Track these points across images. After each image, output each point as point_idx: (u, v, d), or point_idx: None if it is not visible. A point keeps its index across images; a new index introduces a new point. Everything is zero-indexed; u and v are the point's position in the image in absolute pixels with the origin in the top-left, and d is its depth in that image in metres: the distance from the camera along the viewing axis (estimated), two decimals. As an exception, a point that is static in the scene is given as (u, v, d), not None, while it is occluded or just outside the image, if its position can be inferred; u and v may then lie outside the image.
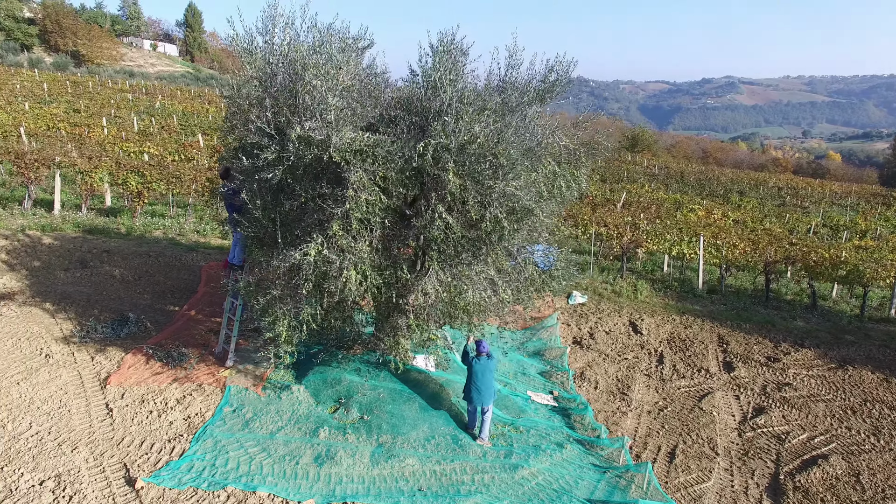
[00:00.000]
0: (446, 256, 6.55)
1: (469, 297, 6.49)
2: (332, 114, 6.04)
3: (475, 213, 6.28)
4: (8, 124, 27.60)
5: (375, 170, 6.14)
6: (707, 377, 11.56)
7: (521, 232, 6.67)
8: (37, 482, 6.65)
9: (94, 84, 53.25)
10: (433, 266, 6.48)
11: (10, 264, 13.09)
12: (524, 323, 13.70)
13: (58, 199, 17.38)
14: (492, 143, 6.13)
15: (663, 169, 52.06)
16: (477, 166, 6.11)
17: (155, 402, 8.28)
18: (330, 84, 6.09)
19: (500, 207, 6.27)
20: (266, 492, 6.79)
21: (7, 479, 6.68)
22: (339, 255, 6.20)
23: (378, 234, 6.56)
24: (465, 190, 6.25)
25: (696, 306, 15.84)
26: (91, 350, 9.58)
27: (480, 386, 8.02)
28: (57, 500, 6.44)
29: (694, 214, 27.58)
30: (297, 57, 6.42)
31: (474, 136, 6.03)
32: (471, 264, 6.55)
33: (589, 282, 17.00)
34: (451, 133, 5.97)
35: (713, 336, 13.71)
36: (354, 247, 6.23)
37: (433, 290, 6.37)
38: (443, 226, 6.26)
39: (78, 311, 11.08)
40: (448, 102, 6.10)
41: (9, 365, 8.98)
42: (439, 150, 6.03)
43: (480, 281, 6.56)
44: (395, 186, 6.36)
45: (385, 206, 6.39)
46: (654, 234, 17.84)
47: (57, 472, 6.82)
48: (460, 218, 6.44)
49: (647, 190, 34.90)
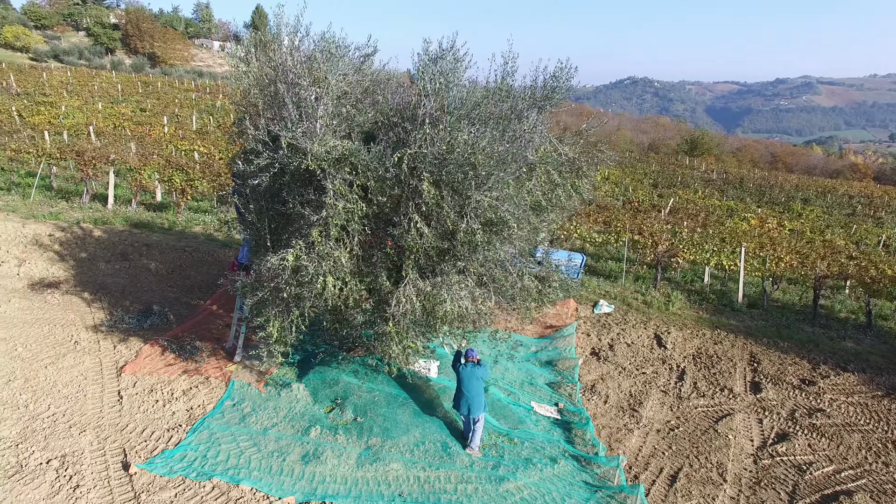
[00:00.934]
0: (423, 266, 6.55)
1: (447, 308, 6.44)
2: (319, 122, 6.15)
3: (451, 223, 6.23)
4: (81, 123, 29.75)
5: (354, 178, 6.21)
6: (729, 397, 10.96)
7: (496, 244, 6.55)
8: (44, 460, 7.15)
9: (163, 84, 56.52)
10: (409, 274, 6.48)
11: (61, 255, 14.11)
12: (542, 331, 13.46)
13: (111, 194, 18.57)
14: (466, 153, 6.05)
15: (722, 174, 49.68)
16: (453, 176, 6.05)
17: (162, 392, 8.71)
18: (310, 93, 6.20)
19: (475, 219, 6.19)
20: (249, 486, 7.00)
21: (20, 455, 7.22)
22: (317, 261, 6.31)
23: (357, 242, 6.63)
24: (441, 199, 6.22)
25: (732, 321, 15.03)
26: (115, 339, 10.19)
27: (467, 394, 7.94)
28: (59, 478, 6.90)
29: (746, 223, 26.17)
30: (288, 66, 6.58)
31: (452, 145, 5.98)
32: (449, 274, 6.50)
33: (620, 290, 16.49)
34: (426, 142, 5.94)
35: (744, 353, 12.97)
36: (332, 254, 6.33)
37: (407, 299, 6.37)
38: (417, 235, 6.26)
39: (111, 301, 11.81)
40: (425, 112, 6.07)
41: (41, 349, 9.69)
42: (415, 159, 6.03)
43: (459, 291, 6.49)
44: (375, 195, 6.41)
45: (364, 213, 6.45)
46: (691, 243, 17.05)
47: (63, 452, 7.31)
48: (438, 227, 6.41)
49: (699, 196, 33.40)
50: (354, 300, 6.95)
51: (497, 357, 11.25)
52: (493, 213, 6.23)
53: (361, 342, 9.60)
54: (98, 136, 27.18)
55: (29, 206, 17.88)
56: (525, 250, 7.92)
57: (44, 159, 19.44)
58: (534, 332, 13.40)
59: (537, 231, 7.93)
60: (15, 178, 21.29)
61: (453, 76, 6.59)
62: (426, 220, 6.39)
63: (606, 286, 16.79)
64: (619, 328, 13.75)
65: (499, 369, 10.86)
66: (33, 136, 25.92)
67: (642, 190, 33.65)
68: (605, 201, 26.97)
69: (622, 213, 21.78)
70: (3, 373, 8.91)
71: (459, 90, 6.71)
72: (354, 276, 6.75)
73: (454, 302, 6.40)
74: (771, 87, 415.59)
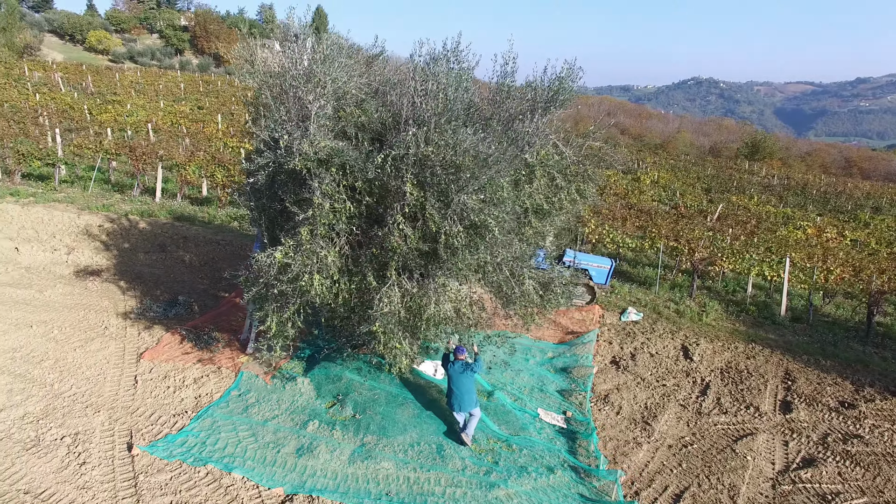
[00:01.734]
0: (412, 267, 6.53)
1: (431, 311, 6.39)
2: (312, 123, 6.24)
3: (435, 225, 6.17)
4: (142, 120, 31.54)
5: (340, 179, 6.27)
6: (755, 416, 10.34)
7: (481, 247, 6.43)
8: (59, 437, 7.62)
9: (223, 83, 59.04)
10: (393, 276, 6.47)
11: (107, 244, 15.01)
12: (562, 336, 13.15)
13: (159, 188, 19.58)
14: (448, 154, 5.97)
15: (784, 179, 46.97)
16: (439, 178, 5.99)
17: (175, 379, 9.10)
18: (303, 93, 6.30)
19: (457, 222, 6.10)
20: (240, 474, 7.20)
21: (39, 430, 7.72)
22: (304, 259, 6.42)
23: (344, 241, 6.69)
24: (425, 201, 6.17)
25: (771, 335, 14.18)
26: (140, 326, 10.73)
27: (456, 391, 7.98)
28: (69, 454, 7.33)
29: (802, 232, 24.64)
30: (285, 68, 6.74)
31: (440, 146, 5.92)
32: (435, 277, 6.45)
33: (652, 298, 15.89)
34: (407, 144, 5.92)
35: (778, 370, 12.20)
36: (319, 252, 6.41)
37: (388, 300, 6.37)
38: (401, 237, 6.25)
39: (144, 290, 12.45)
40: (406, 115, 6.05)
41: (74, 332, 10.33)
42: (398, 160, 6.01)
43: (444, 294, 6.43)
44: (363, 195, 6.44)
45: (352, 213, 6.50)
46: (731, 251, 16.20)
47: (76, 430, 7.76)
48: (423, 229, 6.36)
49: (753, 202, 31.71)
50: (344, 298, 7.02)
51: (509, 361, 11.09)
52: (476, 217, 6.13)
53: (365, 340, 9.68)
54: (156, 132, 28.71)
55: (86, 197, 19.10)
56: (526, 254, 7.74)
57: (101, 154, 20.73)
58: (554, 336, 13.11)
59: (541, 235, 7.74)
60: (79, 172, 22.81)
61: (448, 78, 6.53)
62: (412, 222, 6.37)
63: (638, 293, 16.22)
64: (644, 337, 13.25)
65: (509, 374, 10.70)
66: (99, 132, 27.69)
67: (692, 194, 32.30)
68: (649, 205, 26.08)
69: (663, 218, 20.97)
70: (37, 353, 9.56)
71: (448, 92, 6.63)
72: (344, 274, 6.82)
73: (439, 305, 6.35)
74: (850, 88, 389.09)
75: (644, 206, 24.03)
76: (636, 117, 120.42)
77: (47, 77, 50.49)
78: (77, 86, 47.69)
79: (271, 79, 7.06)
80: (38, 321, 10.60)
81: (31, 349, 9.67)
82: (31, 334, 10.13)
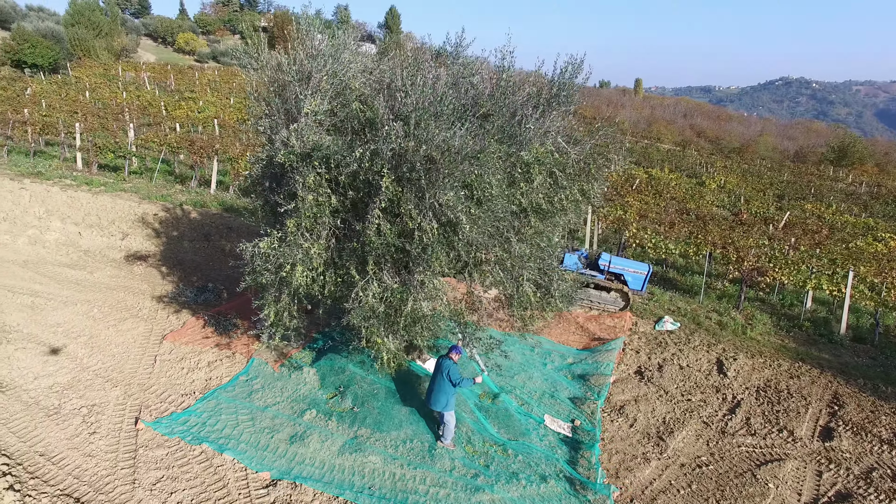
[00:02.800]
0: (384, 263, 6.49)
1: (408, 307, 6.30)
2: (303, 119, 6.34)
3: (411, 221, 6.07)
4: (210, 116, 33.40)
5: (324, 172, 6.31)
6: (787, 440, 9.51)
7: (457, 245, 6.25)
8: (77, 407, 8.18)
9: (294, 83, 61.45)
10: (370, 270, 6.44)
11: (157, 231, 15.99)
12: (587, 342, 12.67)
13: (213, 180, 20.65)
14: (424, 149, 5.83)
15: (873, 187, 42.99)
16: (414, 174, 5.89)
17: (190, 361, 9.53)
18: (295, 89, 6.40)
19: (430, 218, 5.97)
20: (231, 456, 7.44)
21: (62, 399, 8.33)
22: (287, 250, 6.52)
23: (329, 234, 6.73)
24: (400, 197, 6.09)
25: (825, 354, 13.01)
26: (171, 309, 11.34)
27: (430, 385, 7.89)
28: (83, 423, 7.85)
29: (883, 244, 22.45)
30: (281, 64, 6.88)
31: (420, 141, 5.82)
32: (414, 273, 6.35)
33: (694, 308, 15.00)
34: (385, 138, 5.85)
35: (826, 393, 11.15)
36: (302, 244, 6.50)
37: (363, 294, 6.33)
38: (376, 232, 6.21)
39: (182, 275, 13.15)
40: (383, 112, 6.00)
41: (111, 312, 11.07)
42: (375, 155, 5.97)
43: (421, 291, 6.31)
44: (346, 189, 6.46)
45: (336, 207, 6.53)
46: (784, 261, 14.98)
47: (93, 402, 8.30)
48: (401, 224, 6.28)
49: (830, 211, 29.24)
50: (330, 291, 7.08)
51: (524, 364, 10.81)
52: (452, 213, 5.97)
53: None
54: (221, 127, 30.31)
55: (150, 188, 20.46)
56: (525, 254, 7.47)
57: (165, 147, 22.14)
58: (578, 342, 12.66)
59: (539, 234, 7.45)
60: (149, 164, 24.50)
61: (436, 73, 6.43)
62: (392, 218, 6.32)
63: (680, 302, 15.36)
64: (676, 348, 12.52)
65: (521, 377, 10.42)
66: (172, 127, 29.61)
67: (760, 201, 30.22)
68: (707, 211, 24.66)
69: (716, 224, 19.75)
70: (76, 329, 10.32)
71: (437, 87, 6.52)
72: (329, 267, 6.87)
73: (416, 302, 6.26)
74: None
75: (700, 212, 22.74)
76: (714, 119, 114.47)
77: (137, 77, 54.62)
78: (161, 84, 51.25)
79: (271, 73, 7.23)
80: (83, 300, 11.45)
81: (72, 325, 10.45)
82: (75, 311, 10.96)
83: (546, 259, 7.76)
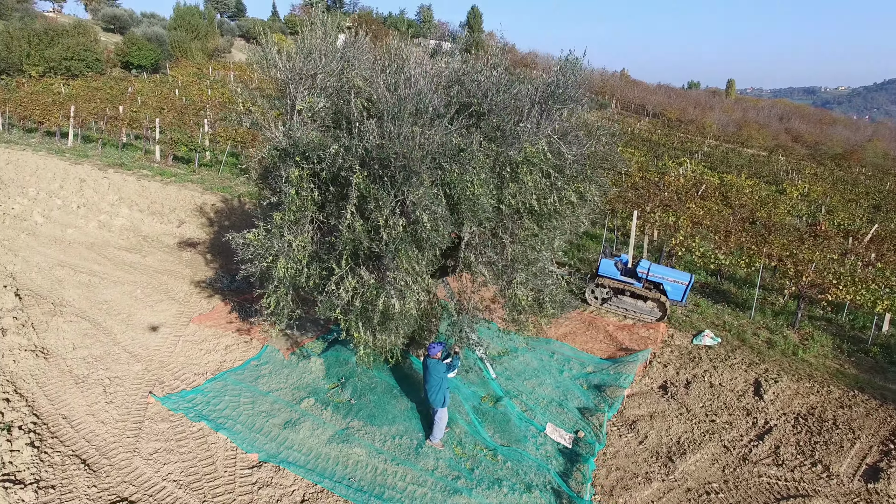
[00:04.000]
0: (360, 259, 6.53)
1: (380, 304, 6.30)
2: (295, 115, 6.51)
3: (383, 219, 6.05)
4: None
5: (305, 166, 6.44)
6: (819, 475, 8.61)
7: (424, 245, 6.14)
8: (101, 378, 8.88)
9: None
10: (343, 265, 6.48)
11: (211, 220, 17.02)
12: (613, 352, 12.10)
13: (271, 174, 21.66)
14: (395, 147, 5.78)
15: None
16: (387, 171, 5.87)
17: (210, 343, 10.08)
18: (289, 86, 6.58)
19: (398, 216, 5.92)
20: (225, 435, 7.79)
21: (89, 370, 9.08)
22: (270, 241, 6.73)
23: (314, 228, 6.87)
24: (370, 194, 6.09)
25: (891, 385, 11.66)
26: (204, 294, 12.04)
27: (425, 385, 7.82)
28: (103, 393, 8.52)
29: None
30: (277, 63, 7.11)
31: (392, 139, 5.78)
32: (388, 270, 6.33)
33: (742, 323, 13.94)
34: (357, 136, 5.87)
35: (881, 428, 9.98)
36: (285, 236, 6.69)
37: (335, 288, 6.39)
38: (349, 229, 6.26)
39: (223, 262, 13.92)
40: (358, 110, 6.01)
41: (152, 294, 11.92)
42: (348, 151, 6.01)
43: (393, 287, 6.27)
44: (328, 185, 6.56)
45: (318, 202, 6.65)
46: (851, 278, 13.54)
47: (115, 375, 8.98)
48: (373, 221, 6.27)
49: (931, 225, 26.06)
50: (315, 283, 7.22)
51: (539, 369, 10.52)
52: (420, 212, 5.89)
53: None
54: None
55: (214, 179, 21.82)
56: (519, 256, 7.24)
57: (230, 142, 23.50)
58: (603, 351, 12.12)
59: (534, 236, 7.19)
60: (220, 157, 26.14)
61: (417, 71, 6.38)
62: (365, 214, 6.35)
63: (728, 315, 14.32)
64: (710, 364, 11.68)
65: (531, 382, 10.14)
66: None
67: (847, 212, 27.50)
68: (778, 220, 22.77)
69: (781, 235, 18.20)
70: (118, 307, 11.21)
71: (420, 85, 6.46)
72: (314, 260, 7.02)
73: (388, 298, 6.25)
74: None
75: (770, 221, 21.05)
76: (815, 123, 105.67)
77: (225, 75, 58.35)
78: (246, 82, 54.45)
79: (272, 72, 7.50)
80: (131, 281, 12.42)
81: (116, 303, 11.36)
82: (122, 291, 11.91)
83: (541, 262, 7.47)
